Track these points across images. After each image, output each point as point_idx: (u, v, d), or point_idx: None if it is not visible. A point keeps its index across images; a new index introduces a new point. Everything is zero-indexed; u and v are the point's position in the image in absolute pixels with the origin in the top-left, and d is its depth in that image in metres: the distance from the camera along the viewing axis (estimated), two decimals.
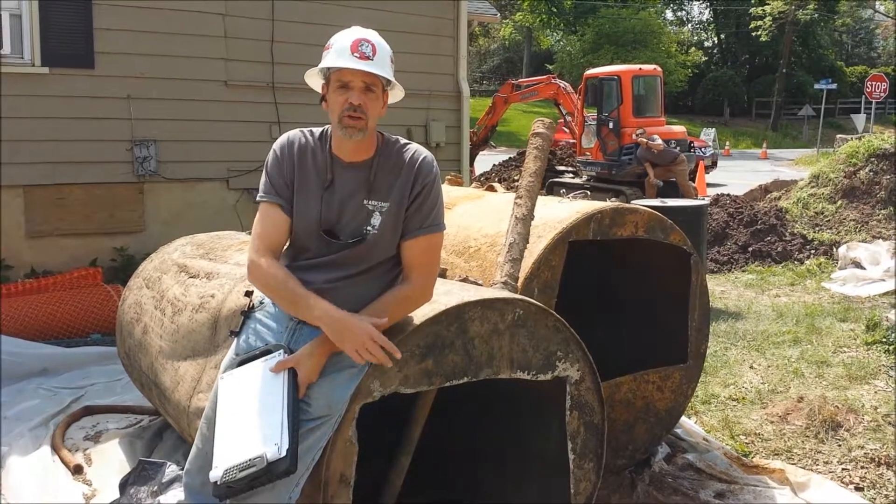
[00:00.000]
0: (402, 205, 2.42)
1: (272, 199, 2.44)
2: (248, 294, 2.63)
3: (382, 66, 2.38)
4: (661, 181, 12.64)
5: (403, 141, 2.52)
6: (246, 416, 2.25)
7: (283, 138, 2.52)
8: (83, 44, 7.09)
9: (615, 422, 3.69)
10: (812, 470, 3.93)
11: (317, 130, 2.52)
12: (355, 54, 2.34)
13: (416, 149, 2.50)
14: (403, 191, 2.42)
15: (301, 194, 2.44)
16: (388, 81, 2.42)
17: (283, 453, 2.13)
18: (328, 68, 2.38)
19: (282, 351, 2.36)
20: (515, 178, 16.20)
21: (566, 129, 16.82)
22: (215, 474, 2.17)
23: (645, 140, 12.67)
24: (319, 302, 2.30)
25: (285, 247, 2.51)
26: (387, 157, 2.45)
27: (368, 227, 2.41)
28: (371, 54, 2.36)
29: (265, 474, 2.13)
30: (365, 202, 2.42)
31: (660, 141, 12.71)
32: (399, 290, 2.42)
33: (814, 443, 4.26)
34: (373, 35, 2.43)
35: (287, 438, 2.15)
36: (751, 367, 5.57)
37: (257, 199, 2.48)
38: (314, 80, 2.48)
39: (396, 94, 2.49)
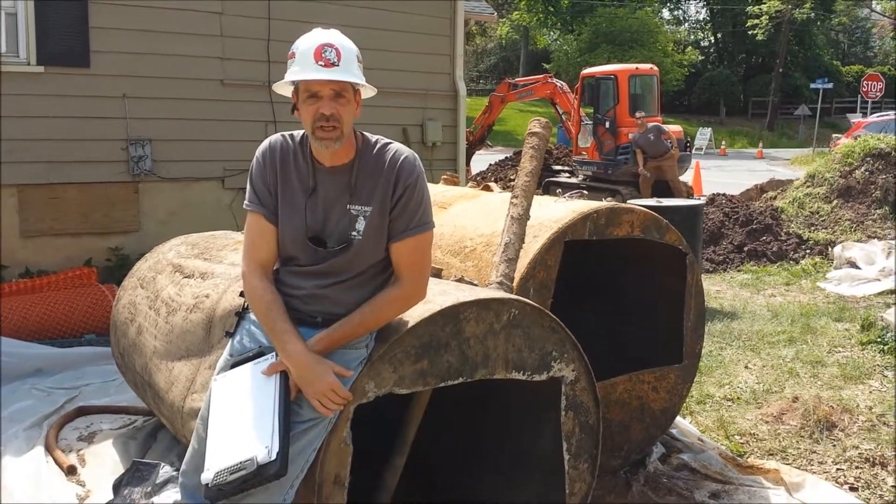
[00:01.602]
0: (385, 208, 2.36)
1: (257, 209, 2.41)
2: (243, 294, 2.62)
3: (349, 69, 2.30)
4: (651, 175, 12.63)
5: (384, 141, 2.44)
6: (238, 419, 2.26)
7: (264, 144, 2.47)
8: (79, 42, 7.06)
9: (610, 422, 3.69)
10: (807, 470, 3.93)
11: (297, 134, 2.46)
12: (319, 62, 2.26)
13: (396, 149, 2.42)
14: (385, 194, 2.36)
15: (285, 202, 2.40)
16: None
17: (274, 456, 2.13)
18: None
19: (274, 353, 2.35)
20: (511, 177, 16.19)
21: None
22: (207, 476, 2.19)
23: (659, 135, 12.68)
24: (294, 342, 2.29)
25: None
26: (367, 160, 2.39)
27: (353, 233, 2.36)
28: (336, 59, 2.27)
29: (255, 477, 2.13)
30: (348, 207, 2.37)
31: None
32: (391, 292, 2.39)
33: (808, 443, 4.26)
34: (335, 37, 2.34)
35: (278, 441, 2.15)
36: (746, 367, 5.57)
37: (244, 205, 2.46)
38: (284, 89, 2.41)
39: (368, 92, 2.40)
